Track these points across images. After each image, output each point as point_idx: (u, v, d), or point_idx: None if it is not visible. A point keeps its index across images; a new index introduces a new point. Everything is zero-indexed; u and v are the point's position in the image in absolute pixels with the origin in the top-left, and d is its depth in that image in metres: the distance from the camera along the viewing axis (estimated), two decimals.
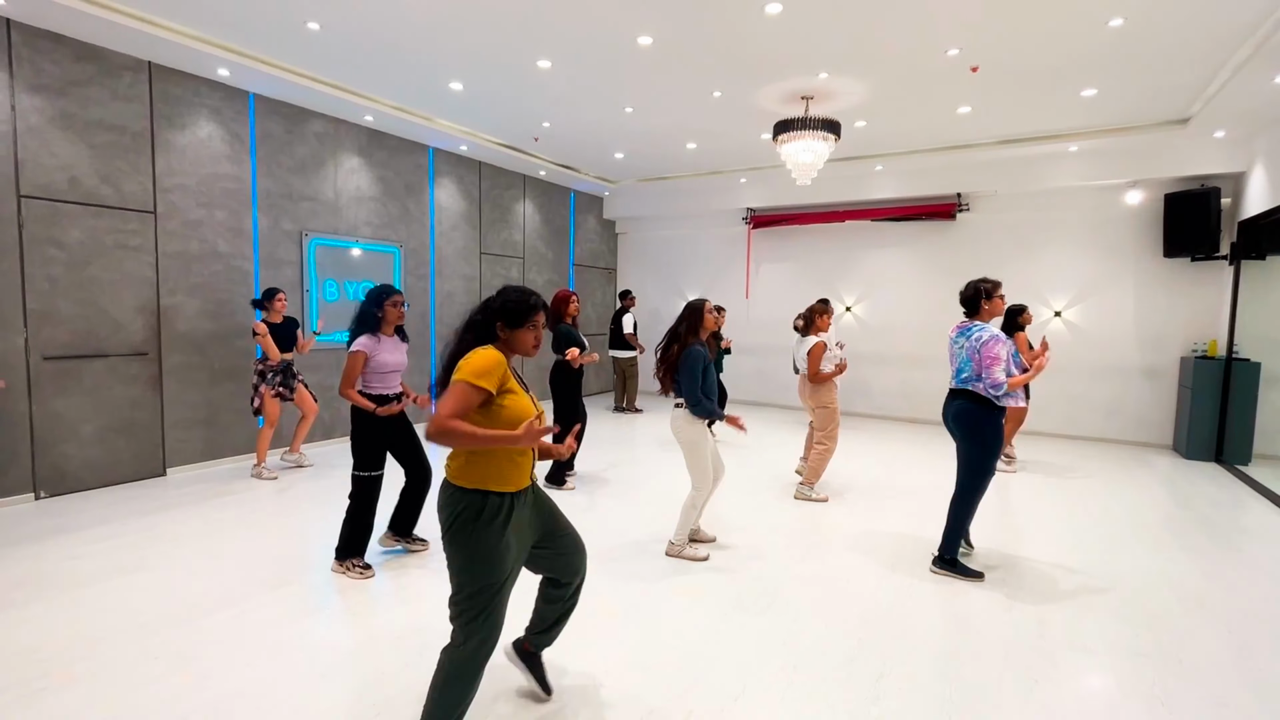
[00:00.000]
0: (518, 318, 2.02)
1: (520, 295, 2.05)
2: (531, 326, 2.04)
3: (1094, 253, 7.32)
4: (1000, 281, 3.47)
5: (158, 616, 2.87)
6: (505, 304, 2.03)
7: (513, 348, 2.05)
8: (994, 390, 3.28)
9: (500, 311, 2.03)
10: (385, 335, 3.46)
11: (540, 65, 5.04)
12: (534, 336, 2.04)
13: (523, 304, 2.03)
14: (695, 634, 2.81)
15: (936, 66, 4.89)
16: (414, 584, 3.28)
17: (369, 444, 3.39)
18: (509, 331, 2.02)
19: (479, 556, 1.93)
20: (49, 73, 4.39)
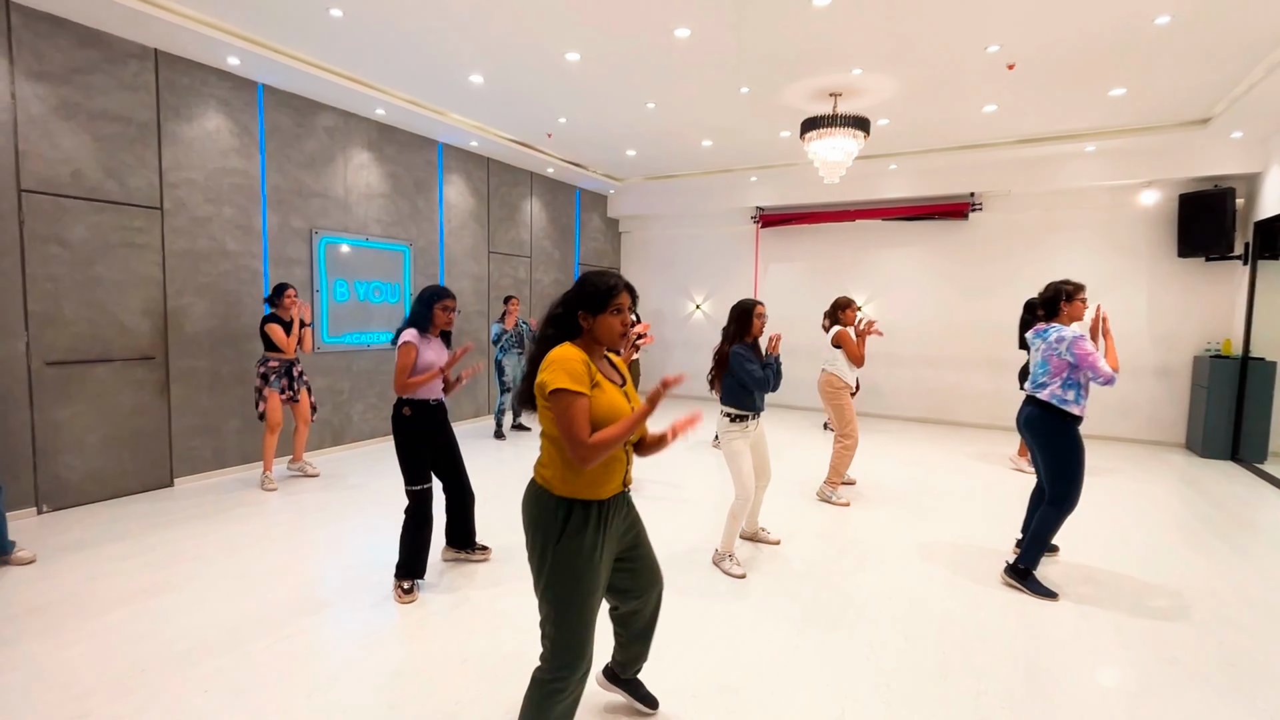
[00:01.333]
0: (599, 302, 1.85)
1: (599, 277, 1.90)
2: (616, 310, 1.86)
3: (1107, 253, 7.35)
4: (1083, 284, 3.39)
5: (197, 644, 2.66)
6: (584, 290, 1.88)
7: (598, 337, 1.88)
8: (1107, 383, 3.13)
9: (580, 299, 1.87)
10: (432, 336, 3.29)
11: (569, 58, 4.87)
12: (620, 321, 1.88)
13: (603, 286, 1.87)
14: (775, 652, 2.68)
15: (972, 63, 4.83)
16: (470, 601, 3.10)
17: (411, 456, 3.21)
18: (592, 320, 1.86)
19: (571, 573, 1.79)
20: (51, 59, 4.11)
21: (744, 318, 3.61)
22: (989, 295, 7.94)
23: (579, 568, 1.78)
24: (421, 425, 3.21)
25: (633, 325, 4.36)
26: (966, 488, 5.31)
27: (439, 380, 3.29)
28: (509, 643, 2.71)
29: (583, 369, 1.76)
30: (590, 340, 1.89)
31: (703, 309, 9.96)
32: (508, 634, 2.78)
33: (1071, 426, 3.26)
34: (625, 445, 1.85)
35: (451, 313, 3.28)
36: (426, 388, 3.23)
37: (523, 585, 3.23)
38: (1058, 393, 3.27)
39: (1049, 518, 3.31)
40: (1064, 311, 3.40)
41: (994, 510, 4.73)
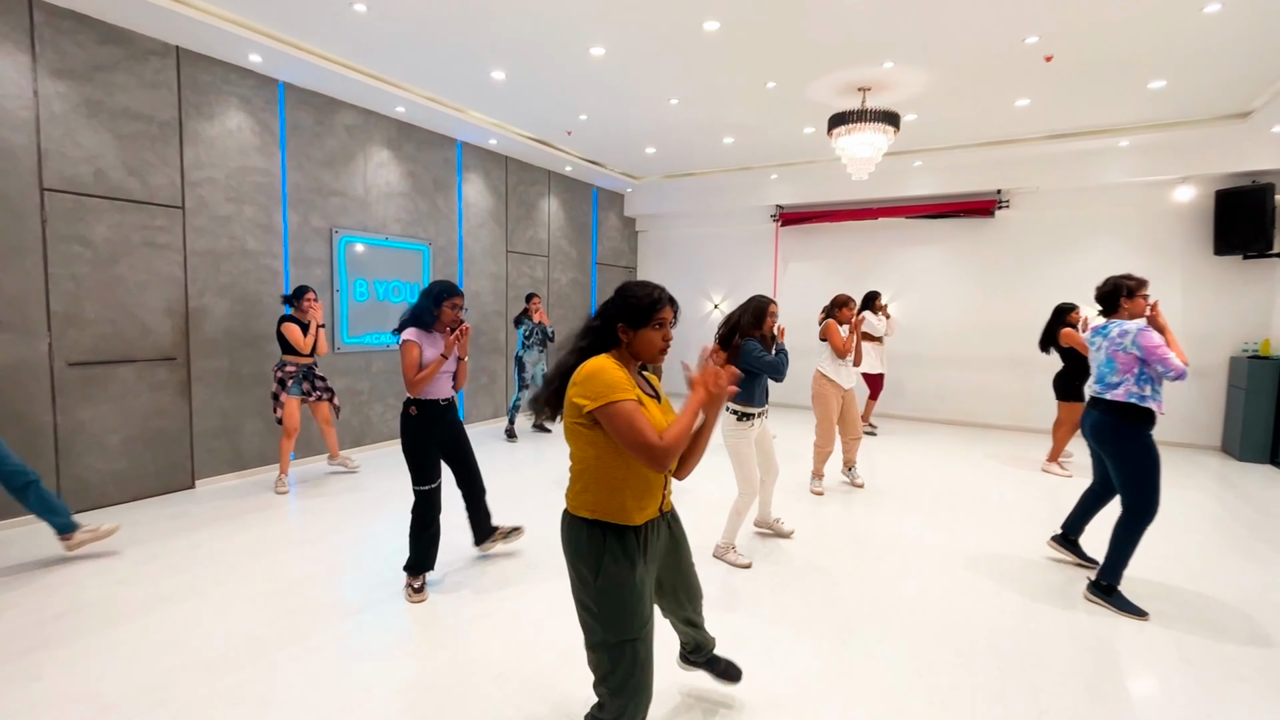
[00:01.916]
0: (641, 315, 1.72)
1: (642, 289, 1.76)
2: (658, 325, 1.73)
3: (1139, 251, 7.16)
4: (1145, 280, 3.25)
5: (223, 654, 2.59)
6: (625, 301, 1.75)
7: (638, 352, 1.75)
8: (1179, 377, 2.98)
9: (620, 310, 1.74)
10: (437, 332, 3.22)
11: (593, 53, 4.78)
12: (662, 337, 1.75)
13: (645, 299, 1.73)
14: (822, 666, 2.57)
15: (1009, 55, 4.69)
16: (502, 609, 3.01)
17: (419, 454, 3.16)
18: (632, 333, 1.73)
19: (617, 605, 1.68)
20: (73, 56, 4.07)
21: (760, 314, 3.65)
22: (1015, 295, 7.77)
23: (624, 599, 1.67)
24: (429, 424, 3.17)
25: None
26: (999, 491, 5.17)
27: (444, 378, 3.23)
28: (545, 654, 2.62)
29: (624, 376, 1.67)
30: (627, 355, 1.76)
31: (721, 309, 9.83)
32: (543, 645, 2.69)
33: (1145, 428, 3.08)
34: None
35: (459, 312, 3.22)
36: (435, 386, 3.18)
37: (552, 590, 3.15)
38: (1134, 390, 3.08)
39: (1131, 530, 3.10)
40: (1124, 308, 3.26)
41: (1032, 515, 4.59)
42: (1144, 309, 3.24)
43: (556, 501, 4.55)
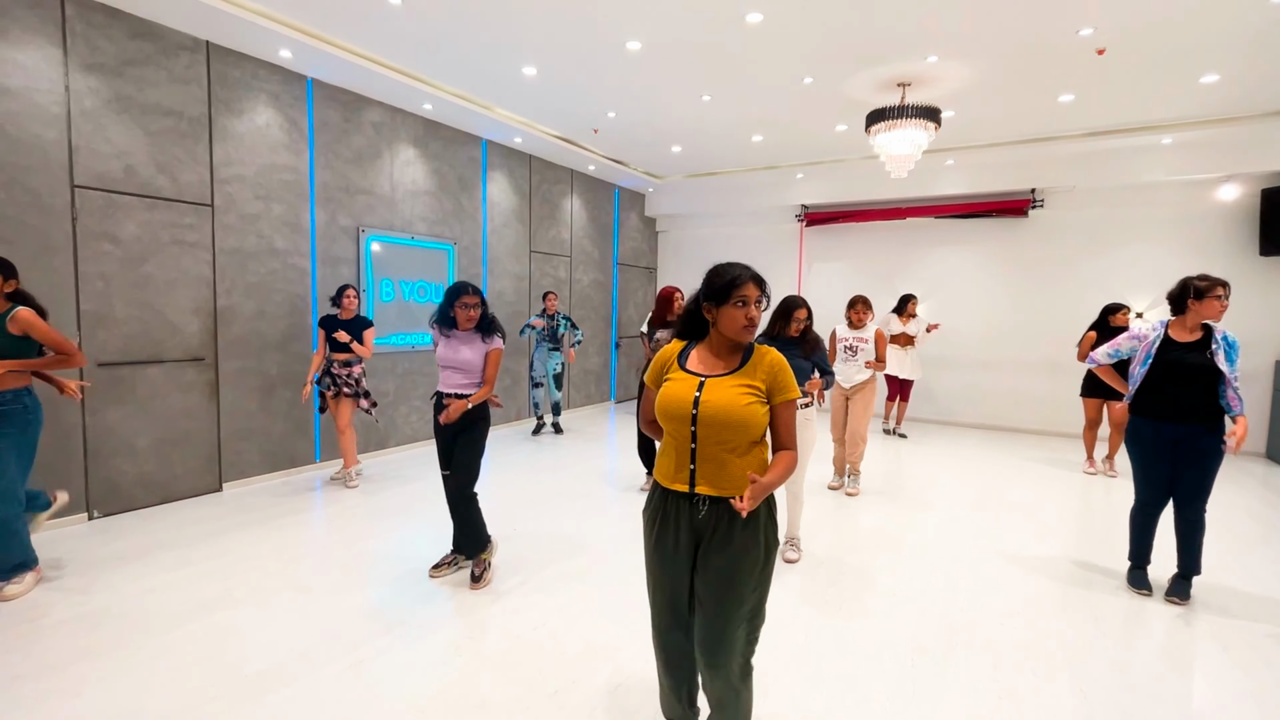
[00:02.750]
0: (722, 292, 1.75)
1: (725, 268, 1.80)
2: (739, 302, 1.72)
3: (1180, 251, 6.97)
4: (1219, 281, 3.10)
5: (269, 667, 2.48)
6: (709, 281, 1.81)
7: (724, 329, 1.76)
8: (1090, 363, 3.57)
9: (705, 290, 1.81)
10: (457, 332, 3.20)
11: (630, 47, 4.66)
12: (744, 315, 1.72)
13: (727, 276, 1.76)
14: (894, 688, 2.43)
15: (1059, 48, 4.54)
16: (555, 617, 2.89)
17: (437, 439, 3.34)
18: (715, 310, 1.77)
19: (644, 548, 1.87)
20: (104, 51, 3.99)
21: (782, 315, 3.62)
22: (1049, 296, 7.59)
23: (646, 538, 1.85)
24: (437, 413, 3.26)
25: None
26: (1045, 497, 5.01)
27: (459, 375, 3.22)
28: (602, 669, 2.50)
29: (658, 363, 1.86)
30: (718, 335, 1.79)
31: None
32: (601, 658, 2.57)
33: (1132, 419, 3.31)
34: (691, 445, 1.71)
35: (470, 310, 3.15)
36: (444, 378, 3.25)
37: (603, 599, 3.02)
38: None
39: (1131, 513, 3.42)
40: (1192, 310, 3.13)
41: (1086, 521, 4.44)
42: (1217, 311, 3.10)
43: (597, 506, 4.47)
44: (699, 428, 1.67)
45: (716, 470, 1.68)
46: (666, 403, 1.73)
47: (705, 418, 1.66)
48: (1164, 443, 3.17)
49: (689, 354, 1.81)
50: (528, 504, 4.55)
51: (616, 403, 9.45)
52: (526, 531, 4.01)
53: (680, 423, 1.70)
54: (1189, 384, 3.09)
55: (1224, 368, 3.01)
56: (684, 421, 1.69)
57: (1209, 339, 3.10)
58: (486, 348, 3.24)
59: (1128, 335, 3.35)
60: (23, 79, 3.67)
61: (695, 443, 1.68)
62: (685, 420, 1.68)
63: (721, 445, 1.67)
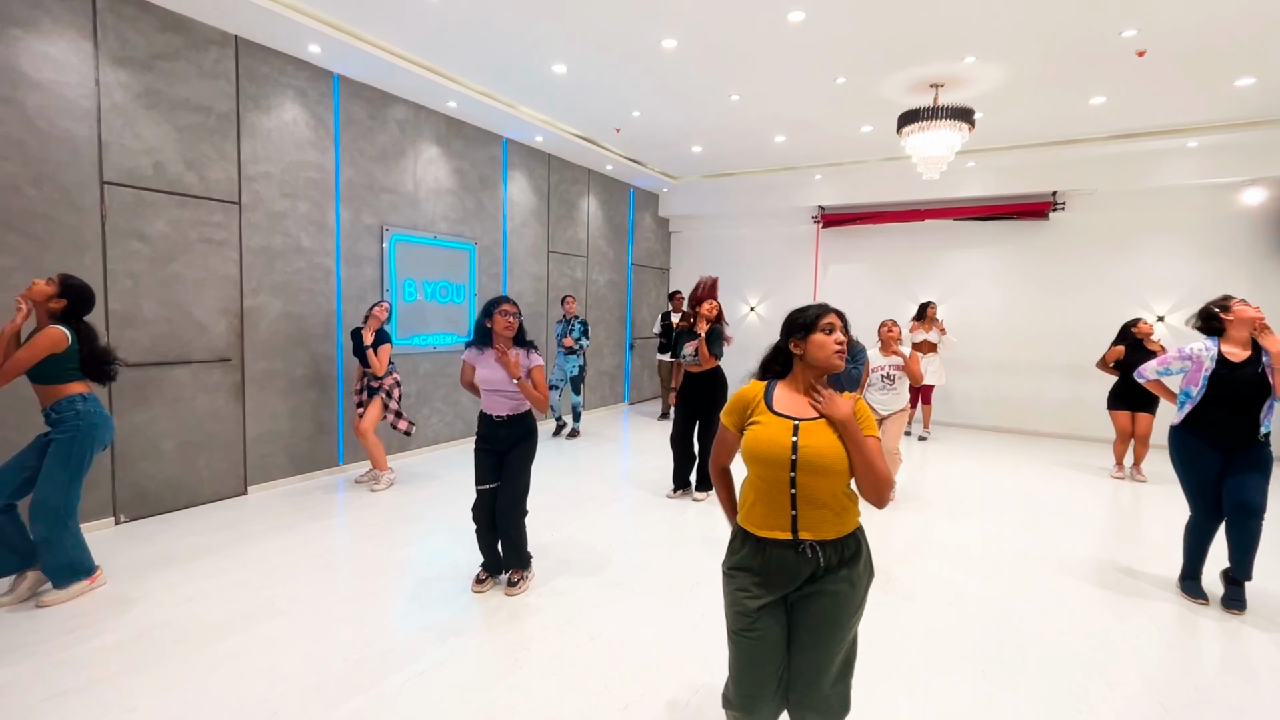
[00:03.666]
0: (808, 325, 1.75)
1: (805, 307, 1.82)
2: (827, 329, 1.72)
3: (1202, 255, 6.96)
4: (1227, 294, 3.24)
5: (325, 681, 2.40)
6: (792, 319, 1.81)
7: (814, 361, 1.73)
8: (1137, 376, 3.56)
9: (789, 328, 1.80)
10: (493, 349, 3.10)
11: (664, 45, 4.60)
12: (834, 340, 1.71)
13: (806, 311, 1.79)
14: (969, 702, 2.38)
15: (1099, 50, 4.50)
16: (611, 626, 2.82)
17: (475, 456, 3.22)
18: (803, 344, 1.75)
19: (725, 597, 1.76)
20: (135, 44, 3.89)
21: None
22: (1069, 300, 7.57)
23: (731, 590, 1.72)
24: (483, 432, 3.19)
25: None
26: (1079, 502, 4.97)
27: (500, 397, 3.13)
28: (668, 684, 2.43)
29: (736, 404, 1.79)
30: (804, 368, 1.75)
31: (757, 311, 9.65)
32: (664, 671, 2.50)
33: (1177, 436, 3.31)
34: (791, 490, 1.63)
35: (510, 317, 3.09)
36: (488, 401, 3.15)
37: (650, 608, 2.96)
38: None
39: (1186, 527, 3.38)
40: (1230, 325, 3.17)
41: (1124, 527, 4.41)
42: (1252, 315, 3.07)
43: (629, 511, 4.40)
44: (799, 474, 1.60)
45: (816, 513, 1.62)
46: (760, 447, 1.65)
47: (806, 463, 1.60)
48: (1217, 460, 3.16)
49: (773, 394, 1.75)
50: (557, 510, 4.48)
51: (630, 404, 9.39)
52: (563, 538, 3.94)
53: (778, 469, 1.62)
54: (1244, 402, 3.09)
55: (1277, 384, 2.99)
56: (782, 468, 1.62)
57: (1259, 355, 3.07)
58: (528, 365, 3.14)
59: (1178, 355, 3.28)
60: (53, 72, 3.58)
61: (795, 488, 1.62)
62: (784, 466, 1.61)
63: (820, 490, 1.62)
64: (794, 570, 1.63)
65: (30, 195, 3.51)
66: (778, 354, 1.83)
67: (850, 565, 1.65)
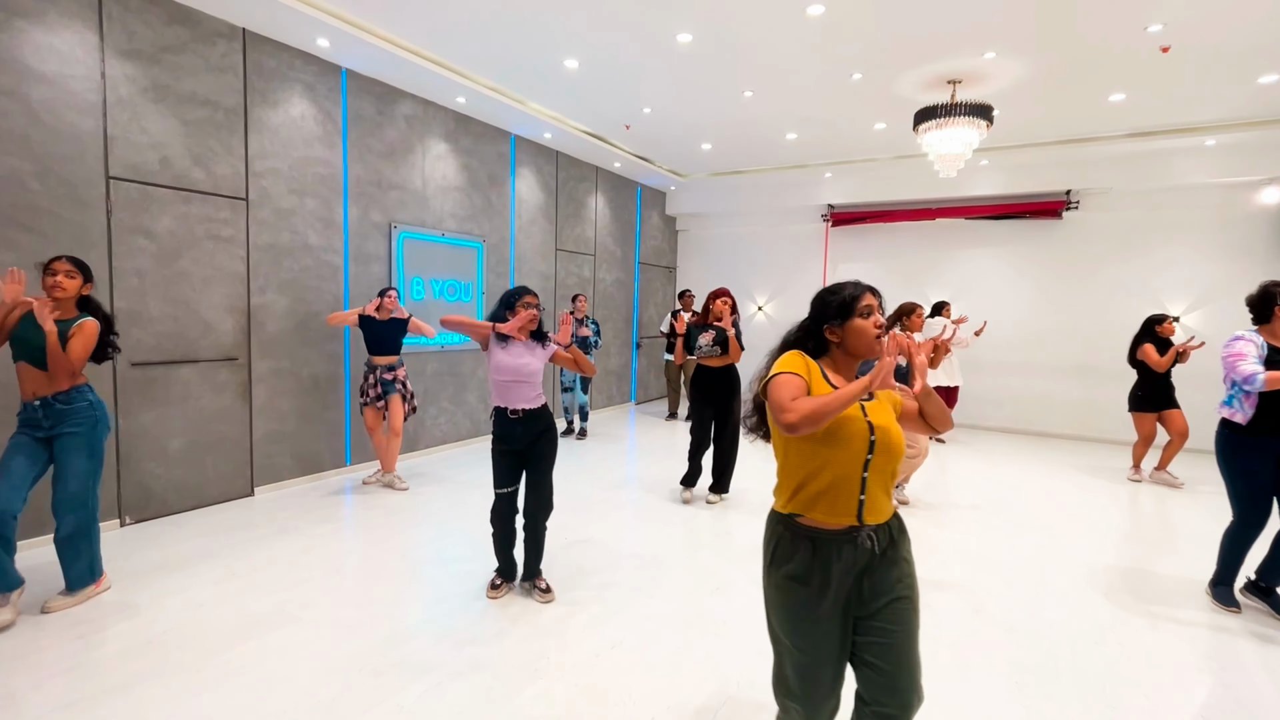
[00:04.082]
0: (843, 308, 1.63)
1: (837, 286, 1.69)
2: (864, 312, 1.61)
3: (1218, 255, 6.88)
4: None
5: (342, 691, 2.33)
6: (825, 301, 1.67)
7: (853, 348, 1.63)
8: (1247, 385, 2.94)
9: (823, 311, 1.66)
10: (520, 340, 3.05)
11: (680, 39, 4.52)
12: (874, 324, 1.61)
13: (838, 292, 1.66)
14: (1008, 713, 2.30)
15: (1123, 45, 4.42)
16: (631, 634, 2.74)
17: (493, 458, 3.07)
18: (841, 328, 1.63)
19: (780, 607, 1.60)
20: (141, 36, 3.82)
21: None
22: (1082, 300, 7.49)
23: (780, 607, 1.60)
24: (499, 432, 3.05)
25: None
26: (1098, 506, 4.88)
27: (521, 390, 3.02)
28: (698, 694, 2.35)
29: (799, 360, 1.60)
30: (843, 356, 1.66)
31: (765, 310, 9.57)
32: (692, 680, 2.42)
33: (1237, 440, 3.08)
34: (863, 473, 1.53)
35: (534, 309, 3.03)
36: (502, 394, 3.01)
37: (666, 614, 2.88)
38: (1228, 403, 3.12)
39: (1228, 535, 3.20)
40: (1278, 316, 3.01)
41: (1146, 532, 4.33)
42: None
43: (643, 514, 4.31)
44: (875, 455, 1.53)
45: (880, 497, 1.56)
46: (841, 428, 1.50)
47: (882, 445, 1.53)
48: (1272, 462, 3.04)
49: (826, 373, 1.62)
50: (569, 513, 4.39)
51: (637, 404, 9.31)
52: (576, 542, 3.86)
53: (857, 451, 1.52)
54: None
55: None
56: (860, 449, 1.52)
57: None
58: (548, 352, 3.11)
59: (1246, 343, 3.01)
60: (58, 65, 3.50)
61: (867, 471, 1.53)
62: (862, 448, 1.52)
63: (883, 472, 1.56)
64: (851, 563, 1.54)
65: (34, 190, 3.43)
66: (807, 336, 1.69)
67: (899, 541, 1.61)
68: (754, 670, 2.50)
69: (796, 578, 1.56)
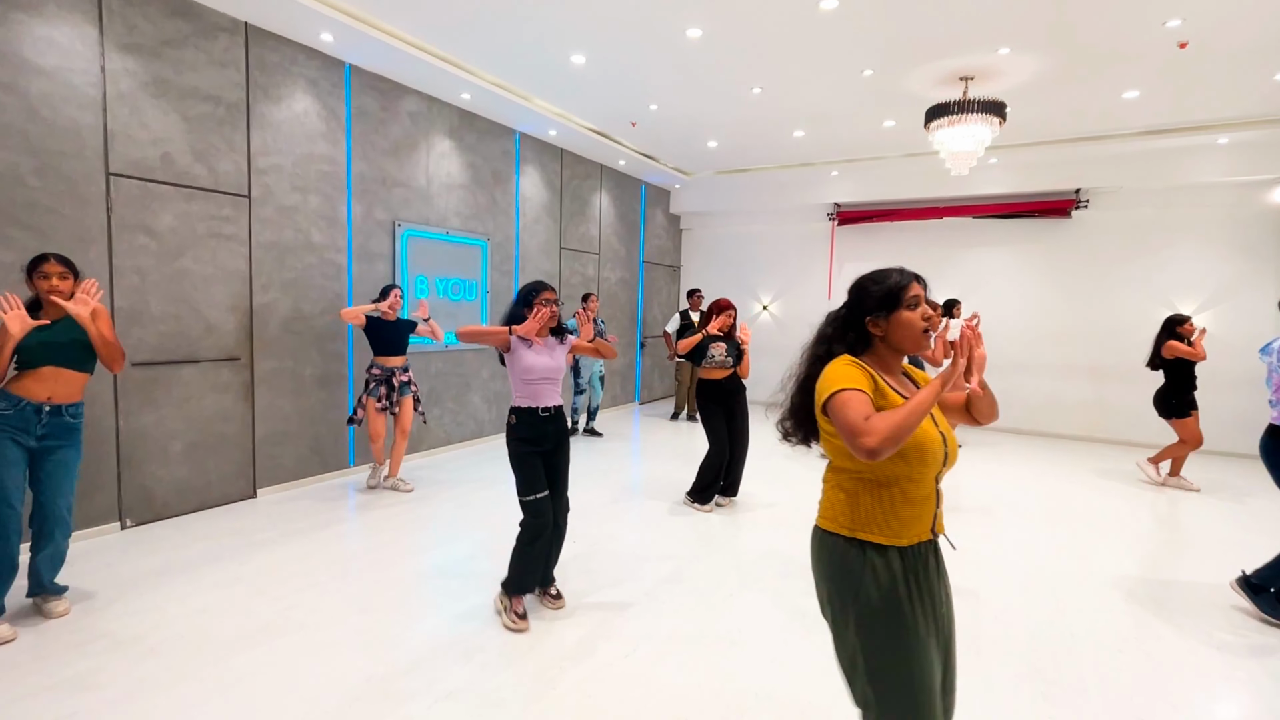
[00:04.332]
0: (891, 298, 1.50)
1: (881, 274, 1.55)
2: (912, 304, 1.49)
3: (1229, 254, 6.81)
4: None
5: (348, 700, 2.26)
6: (868, 291, 1.53)
7: (898, 342, 1.51)
8: None
9: (865, 301, 1.53)
10: (540, 338, 2.94)
11: (689, 34, 4.44)
12: (921, 316, 1.50)
13: (882, 280, 1.53)
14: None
15: (1140, 40, 4.34)
16: (644, 647, 2.68)
17: (519, 466, 2.87)
18: (885, 321, 1.50)
19: (886, 638, 1.40)
20: (142, 30, 3.74)
21: None
22: (1091, 300, 7.42)
23: (896, 633, 1.41)
24: (529, 434, 2.87)
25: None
26: (1112, 509, 4.82)
27: (551, 388, 2.93)
28: (711, 709, 2.28)
29: (858, 371, 1.45)
30: (887, 351, 1.54)
31: (770, 310, 9.50)
32: (708, 691, 2.36)
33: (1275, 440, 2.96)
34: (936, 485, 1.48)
35: (553, 305, 2.90)
36: (531, 394, 2.89)
37: (679, 622, 2.81)
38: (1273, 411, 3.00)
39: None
40: None
41: (1165, 538, 4.27)
42: None
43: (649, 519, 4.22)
44: (946, 466, 1.47)
45: (940, 504, 1.52)
46: (921, 442, 1.40)
47: (951, 453, 1.47)
48: None
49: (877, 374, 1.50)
50: (576, 516, 4.30)
51: (641, 404, 9.24)
52: (584, 548, 3.79)
53: (934, 464, 1.43)
54: None
55: None
56: (936, 462, 1.44)
57: None
58: (568, 345, 3.04)
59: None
60: (57, 58, 3.42)
61: (939, 482, 1.48)
62: (938, 460, 1.44)
63: (941, 479, 1.50)
64: (935, 576, 1.50)
65: (33, 186, 3.36)
66: (845, 328, 1.55)
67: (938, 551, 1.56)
68: (771, 680, 2.44)
69: (899, 603, 1.41)
